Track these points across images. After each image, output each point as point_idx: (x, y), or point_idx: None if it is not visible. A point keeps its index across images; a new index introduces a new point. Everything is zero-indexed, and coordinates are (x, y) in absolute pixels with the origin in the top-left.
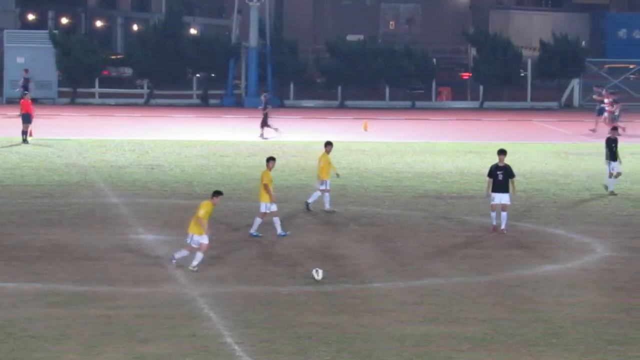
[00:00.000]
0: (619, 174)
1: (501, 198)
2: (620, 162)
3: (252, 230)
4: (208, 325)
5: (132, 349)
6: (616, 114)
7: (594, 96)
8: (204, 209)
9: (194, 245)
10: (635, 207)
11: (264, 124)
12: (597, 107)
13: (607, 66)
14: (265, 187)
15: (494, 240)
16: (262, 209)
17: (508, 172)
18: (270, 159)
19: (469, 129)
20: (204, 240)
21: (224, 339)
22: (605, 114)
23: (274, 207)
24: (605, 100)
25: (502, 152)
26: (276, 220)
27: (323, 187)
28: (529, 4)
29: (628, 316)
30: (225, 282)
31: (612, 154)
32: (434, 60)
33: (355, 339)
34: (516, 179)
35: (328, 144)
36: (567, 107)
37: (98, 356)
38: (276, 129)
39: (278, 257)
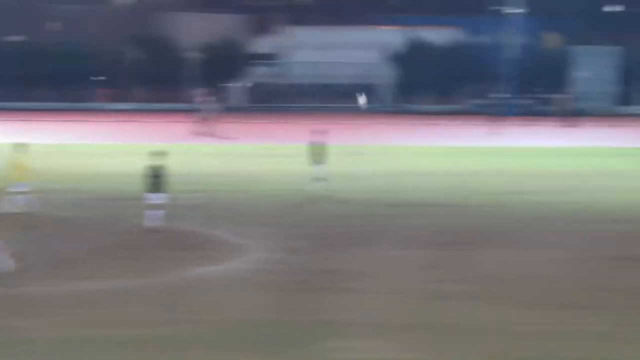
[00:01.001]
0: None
1: (157, 198)
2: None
3: None
4: None
5: None
6: (208, 115)
7: (197, 98)
8: None
9: None
10: (285, 206)
11: None
12: (198, 109)
13: None
14: None
15: (150, 241)
16: None
17: (161, 172)
18: None
19: (130, 129)
20: None
21: None
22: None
23: None
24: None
25: (156, 154)
26: None
27: (19, 189)
28: (194, 5)
29: (285, 316)
30: None
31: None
32: (95, 61)
33: (14, 342)
34: (175, 179)
35: (19, 145)
36: (227, 109)
37: None
38: None
39: None
